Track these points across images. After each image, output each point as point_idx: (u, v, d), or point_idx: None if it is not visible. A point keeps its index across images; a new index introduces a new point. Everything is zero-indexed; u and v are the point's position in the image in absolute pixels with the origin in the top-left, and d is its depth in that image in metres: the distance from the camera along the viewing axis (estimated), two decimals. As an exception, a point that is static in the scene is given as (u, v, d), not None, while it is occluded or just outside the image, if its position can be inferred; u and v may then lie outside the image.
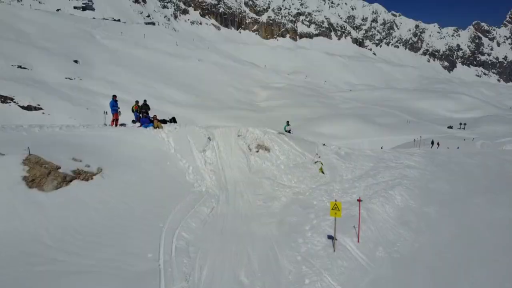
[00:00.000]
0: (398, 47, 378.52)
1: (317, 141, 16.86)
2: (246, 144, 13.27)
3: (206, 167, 11.26)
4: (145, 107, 13.68)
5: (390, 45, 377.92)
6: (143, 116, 13.33)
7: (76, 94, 66.88)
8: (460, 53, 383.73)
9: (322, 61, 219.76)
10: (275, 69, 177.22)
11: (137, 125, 13.29)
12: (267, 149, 13.22)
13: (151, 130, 12.39)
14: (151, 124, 12.82)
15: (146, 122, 12.98)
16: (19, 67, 69.38)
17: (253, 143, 13.32)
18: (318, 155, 14.15)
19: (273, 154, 13.09)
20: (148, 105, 13.96)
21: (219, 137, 13.10)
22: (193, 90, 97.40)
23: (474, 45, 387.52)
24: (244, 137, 13.61)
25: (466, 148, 36.55)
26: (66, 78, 74.57)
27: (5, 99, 55.78)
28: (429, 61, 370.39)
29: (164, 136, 12.08)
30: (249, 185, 10.95)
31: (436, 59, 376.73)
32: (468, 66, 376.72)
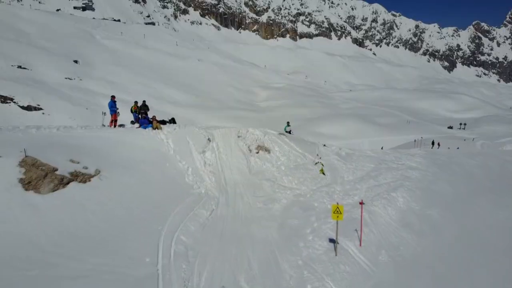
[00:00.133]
0: (398, 47, 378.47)
1: (317, 142, 16.73)
2: (246, 145, 13.14)
3: (205, 169, 11.13)
4: (144, 108, 13.55)
5: (390, 45, 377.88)
6: (142, 117, 13.20)
7: (76, 94, 66.72)
8: (460, 53, 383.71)
9: (322, 61, 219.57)
10: (275, 69, 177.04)
11: (136, 126, 13.16)
12: (267, 150, 13.09)
13: (150, 131, 12.26)
14: (150, 125, 12.69)
15: (145, 123, 12.85)
16: (19, 67, 69.22)
17: (253, 144, 13.19)
18: (318, 156, 14.02)
19: (273, 155, 12.96)
20: (147, 105, 13.83)
21: (218, 138, 12.96)
22: (193, 90, 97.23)
23: (474, 45, 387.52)
24: (244, 138, 13.48)
25: (466, 148, 36.43)
26: (66, 78, 74.39)
27: (5, 99, 55.62)
28: (429, 61, 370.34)
29: (163, 137, 11.94)
30: (249, 186, 10.82)
31: (436, 59, 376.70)
32: (468, 66, 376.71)
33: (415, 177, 13.18)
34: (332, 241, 7.35)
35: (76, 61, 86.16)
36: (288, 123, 18.56)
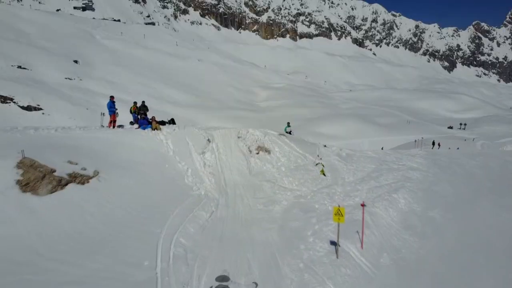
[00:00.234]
0: (398, 47, 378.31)
1: (318, 143, 16.64)
2: (246, 146, 13.05)
3: (205, 170, 11.04)
4: (143, 108, 13.44)
5: (390, 45, 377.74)
6: (141, 117, 13.10)
7: (76, 94, 66.66)
8: (460, 53, 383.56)
9: (322, 61, 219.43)
10: (275, 69, 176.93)
11: (135, 127, 13.06)
12: (268, 151, 13.00)
13: (149, 131, 12.17)
14: (149, 125, 12.60)
15: (144, 123, 12.76)
16: (19, 67, 69.15)
17: (253, 145, 13.10)
18: (319, 157, 13.93)
19: (273, 156, 12.87)
20: (146, 106, 13.73)
21: (218, 138, 12.87)
22: (193, 90, 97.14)
23: (474, 45, 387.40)
24: (244, 139, 13.39)
25: (466, 148, 36.34)
26: (66, 78, 74.31)
27: (5, 99, 55.55)
28: (429, 61, 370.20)
29: (162, 138, 11.85)
30: (249, 188, 10.73)
31: (436, 59, 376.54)
32: (468, 66, 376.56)
33: (416, 178, 13.10)
34: (333, 243, 7.26)
35: (76, 61, 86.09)
36: (288, 123, 18.47)
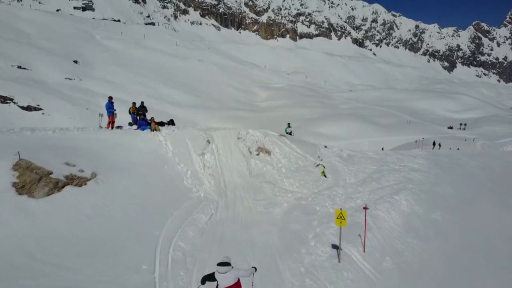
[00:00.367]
0: (398, 48, 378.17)
1: (318, 143, 16.51)
2: (246, 146, 12.93)
3: (204, 171, 10.91)
4: (142, 109, 13.29)
5: (390, 45, 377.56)
6: (140, 118, 12.96)
7: (76, 94, 66.47)
8: (460, 54, 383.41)
9: (322, 61, 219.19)
10: (275, 69, 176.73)
11: (133, 128, 12.92)
12: (268, 152, 12.88)
13: (148, 132, 12.04)
14: (148, 126, 12.47)
15: (143, 124, 12.62)
16: (19, 67, 68.98)
17: (253, 146, 12.98)
18: (320, 158, 13.81)
19: (274, 157, 12.75)
20: (145, 106, 13.58)
21: (218, 139, 12.74)
22: (193, 90, 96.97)
23: (474, 45, 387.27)
24: (244, 140, 13.26)
25: (467, 149, 36.19)
26: (66, 78, 74.13)
27: (4, 100, 55.39)
28: (429, 62, 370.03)
29: (161, 139, 11.72)
30: (249, 189, 10.60)
31: (436, 60, 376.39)
32: (468, 66, 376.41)
33: (418, 179, 12.98)
34: (335, 247, 7.13)
35: (76, 61, 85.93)
36: (288, 124, 18.35)
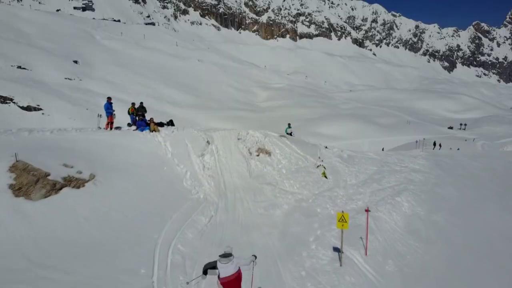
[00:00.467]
0: (398, 48, 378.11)
1: (319, 144, 16.41)
2: (246, 147, 12.82)
3: (204, 172, 10.80)
4: (141, 110, 13.15)
5: (390, 45, 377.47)
6: (139, 119, 12.84)
7: (75, 94, 66.32)
8: (460, 54, 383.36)
9: (322, 62, 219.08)
10: (275, 70, 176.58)
11: (132, 129, 12.80)
12: (268, 153, 12.77)
13: (147, 133, 11.93)
14: (148, 127, 12.36)
15: (142, 125, 12.50)
16: (19, 67, 68.86)
17: (253, 147, 12.87)
18: (320, 159, 13.71)
19: (274, 158, 12.64)
20: (144, 107, 13.45)
21: (218, 140, 12.64)
22: (193, 90, 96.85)
23: (474, 45, 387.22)
24: (244, 140, 13.16)
25: (467, 149, 36.08)
26: (65, 78, 73.98)
27: (4, 100, 55.27)
28: (429, 62, 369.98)
29: (160, 140, 11.61)
30: (249, 191, 10.49)
31: (436, 60, 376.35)
32: (468, 66, 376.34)
33: (419, 180, 12.88)
34: (336, 250, 7.03)
35: (76, 62, 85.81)
36: (289, 124, 18.24)
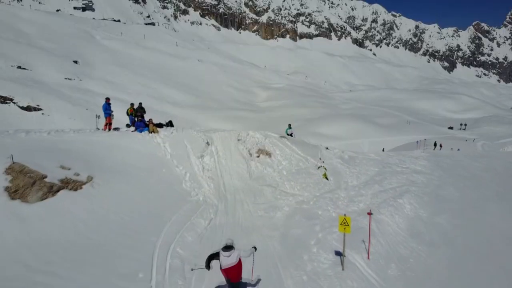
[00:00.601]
0: (398, 48, 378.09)
1: (319, 145, 16.28)
2: (246, 148, 12.70)
3: (204, 174, 10.67)
4: (140, 110, 13.00)
5: (390, 45, 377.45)
6: (138, 119, 12.70)
7: (75, 94, 66.22)
8: (460, 54, 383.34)
9: (322, 62, 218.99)
10: (275, 70, 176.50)
11: (131, 130, 12.66)
12: (268, 154, 12.65)
13: (146, 134, 11.80)
14: (146, 128, 12.23)
15: (141, 126, 12.37)
16: (19, 67, 68.76)
17: (253, 148, 12.75)
18: (321, 160, 13.58)
19: (274, 159, 12.52)
20: (143, 108, 13.31)
21: (218, 141, 12.51)
22: (193, 90, 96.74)
23: (474, 45, 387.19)
24: (244, 141, 13.04)
25: (467, 149, 35.96)
26: (65, 78, 73.88)
27: (4, 100, 55.18)
28: (429, 62, 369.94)
29: (159, 141, 11.48)
30: (249, 193, 10.37)
31: (436, 60, 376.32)
32: (468, 66, 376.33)
33: (421, 182, 12.76)
34: (338, 253, 6.90)
35: (76, 62, 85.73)
36: (289, 125, 18.11)
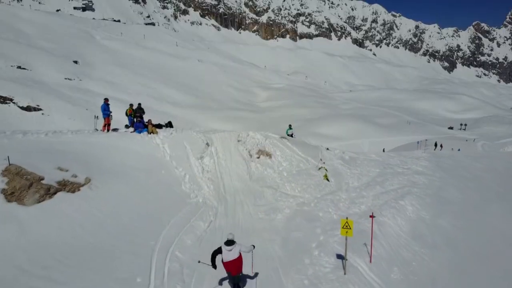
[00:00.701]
0: (398, 48, 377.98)
1: (320, 145, 16.17)
2: (246, 149, 12.58)
3: (203, 175, 10.56)
4: (139, 111, 12.87)
5: (390, 45, 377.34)
6: (137, 120, 12.57)
7: (75, 94, 66.07)
8: (460, 54, 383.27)
9: (322, 62, 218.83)
10: (275, 70, 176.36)
11: (130, 130, 12.53)
12: (269, 155, 12.53)
13: (145, 135, 11.68)
14: (145, 129, 12.11)
15: (140, 127, 12.24)
16: (19, 67, 68.64)
17: (253, 149, 12.63)
18: (322, 161, 13.47)
19: (275, 160, 12.40)
20: (142, 108, 13.17)
21: (217, 142, 12.39)
22: (193, 90, 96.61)
23: (474, 45, 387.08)
24: (244, 142, 12.92)
25: (467, 149, 35.85)
26: (65, 78, 73.74)
27: (4, 100, 55.07)
28: (429, 62, 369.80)
29: (159, 142, 11.37)
30: (249, 194, 10.25)
31: (436, 60, 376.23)
32: (468, 66, 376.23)
33: (423, 183, 12.65)
34: (340, 257, 6.78)
35: (76, 62, 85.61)
36: (290, 126, 17.99)
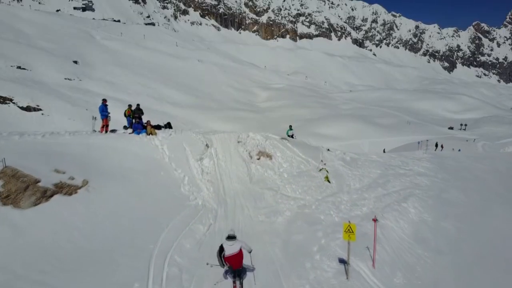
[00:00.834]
0: (398, 48, 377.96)
1: (321, 146, 16.04)
2: (246, 151, 12.45)
3: (203, 177, 10.42)
4: (138, 112, 12.72)
5: (390, 45, 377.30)
6: (135, 121, 12.43)
7: (75, 94, 65.96)
8: (460, 54, 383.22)
9: (322, 62, 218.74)
10: (275, 70, 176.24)
11: (128, 132, 12.38)
12: (269, 156, 12.40)
13: (144, 136, 11.54)
14: (144, 130, 11.97)
15: (138, 128, 12.09)
16: (19, 67, 68.54)
17: (254, 150, 12.49)
18: (323, 162, 13.33)
19: (275, 161, 12.27)
20: (141, 109, 13.02)
21: (217, 143, 12.26)
22: (193, 90, 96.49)
23: (474, 45, 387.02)
24: (244, 144, 12.79)
25: (468, 150, 35.70)
26: (65, 78, 73.64)
27: (4, 100, 54.96)
28: (429, 62, 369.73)
29: (157, 143, 11.22)
30: (249, 197, 10.11)
31: (436, 60, 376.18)
32: (468, 66, 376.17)
33: (425, 185, 12.52)
34: (342, 261, 6.64)
35: (75, 62, 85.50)
36: (290, 126, 17.84)
